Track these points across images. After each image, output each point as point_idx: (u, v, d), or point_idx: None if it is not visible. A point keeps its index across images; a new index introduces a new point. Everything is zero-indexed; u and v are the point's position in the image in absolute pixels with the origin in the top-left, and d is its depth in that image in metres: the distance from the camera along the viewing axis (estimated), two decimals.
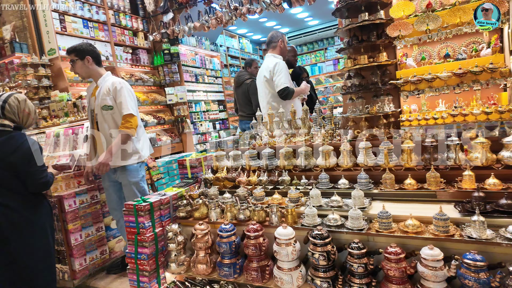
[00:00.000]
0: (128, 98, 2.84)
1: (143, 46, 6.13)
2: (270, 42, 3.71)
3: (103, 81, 2.91)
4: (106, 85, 2.86)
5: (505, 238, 1.45)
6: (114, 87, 2.82)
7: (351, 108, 2.56)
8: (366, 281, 1.63)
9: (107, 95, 2.83)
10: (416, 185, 1.96)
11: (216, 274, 2.07)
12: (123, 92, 2.82)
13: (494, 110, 1.99)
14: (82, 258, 3.07)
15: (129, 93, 2.88)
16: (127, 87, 2.89)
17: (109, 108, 2.84)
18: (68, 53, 2.87)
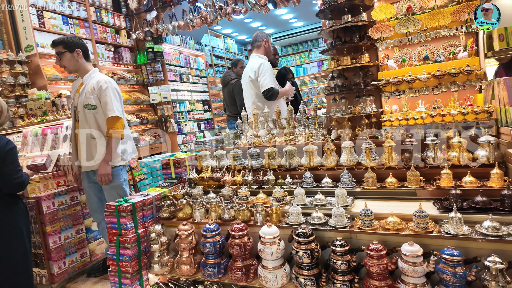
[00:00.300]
0: (113, 99, 2.72)
1: (125, 44, 6.01)
2: (254, 42, 3.72)
3: (89, 78, 2.80)
4: (91, 83, 2.75)
5: (480, 234, 1.51)
6: (99, 86, 2.71)
7: (334, 109, 2.60)
8: (349, 278, 1.66)
9: (91, 93, 2.72)
10: (397, 184, 2.01)
11: (200, 275, 2.05)
12: (108, 92, 2.71)
13: (470, 110, 2.06)
14: (61, 261, 2.97)
15: (115, 93, 2.77)
16: (112, 87, 2.77)
17: (92, 108, 2.73)
18: (55, 44, 2.73)
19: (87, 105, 2.73)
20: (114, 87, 2.78)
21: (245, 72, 3.70)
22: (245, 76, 3.68)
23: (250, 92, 3.66)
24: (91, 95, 2.72)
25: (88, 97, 2.72)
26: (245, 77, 3.70)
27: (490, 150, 1.86)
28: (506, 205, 1.62)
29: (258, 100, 3.62)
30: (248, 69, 3.63)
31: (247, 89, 3.70)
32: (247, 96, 3.74)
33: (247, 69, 3.65)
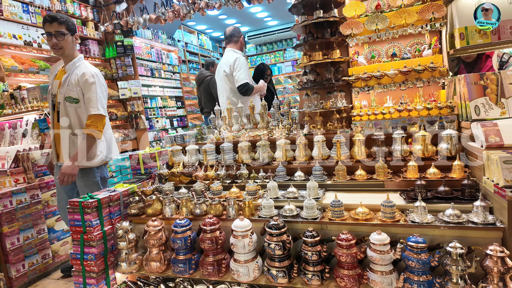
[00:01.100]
0: (100, 95, 2.52)
1: (93, 37, 5.75)
2: (231, 36, 3.66)
3: (73, 67, 2.57)
4: (75, 73, 2.53)
5: (443, 221, 1.58)
6: (84, 79, 2.49)
7: (307, 104, 2.63)
8: (319, 268, 1.67)
9: (75, 86, 2.51)
10: (366, 176, 2.06)
11: (171, 271, 1.99)
12: (94, 87, 2.49)
13: (434, 106, 2.16)
14: (20, 264, 2.78)
15: (102, 89, 2.56)
16: (100, 82, 2.56)
17: (74, 101, 2.52)
18: (58, 22, 2.45)
19: (69, 98, 2.52)
20: (101, 83, 2.57)
21: (220, 66, 3.65)
22: (220, 71, 3.63)
23: (224, 87, 3.62)
24: (75, 87, 2.51)
25: (71, 89, 2.51)
26: (219, 72, 3.65)
27: (452, 143, 1.96)
28: (466, 194, 1.71)
29: (232, 95, 3.59)
30: (223, 64, 3.58)
31: (221, 84, 3.65)
32: (221, 91, 3.70)
33: (222, 64, 3.60)
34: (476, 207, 1.54)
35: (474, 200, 1.61)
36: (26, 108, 3.44)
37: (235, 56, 3.49)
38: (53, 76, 2.67)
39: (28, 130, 3.37)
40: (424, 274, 1.49)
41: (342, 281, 1.60)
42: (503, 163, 1.47)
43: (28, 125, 3.38)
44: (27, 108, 3.43)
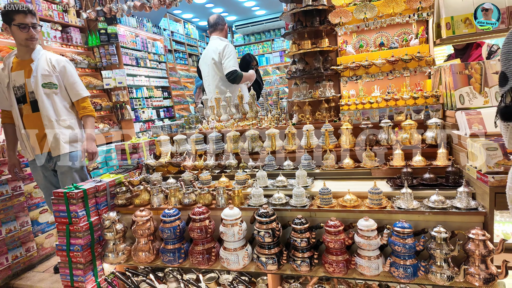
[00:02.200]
0: (78, 78, 2.66)
1: (75, 24, 5.54)
2: (216, 24, 3.59)
3: (39, 54, 2.54)
4: (45, 60, 2.53)
5: (427, 207, 1.62)
6: (61, 65, 2.58)
7: (295, 93, 2.62)
8: (308, 254, 1.70)
9: (51, 72, 2.53)
10: (354, 164, 2.08)
11: (160, 261, 1.98)
12: (72, 72, 2.63)
13: (421, 95, 2.19)
14: (3, 257, 2.71)
15: (75, 72, 2.69)
16: (72, 66, 2.68)
17: (54, 87, 2.54)
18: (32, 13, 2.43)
19: (49, 83, 2.51)
20: (73, 66, 2.69)
21: (207, 54, 3.57)
22: (207, 59, 3.56)
23: (213, 75, 3.56)
24: (52, 73, 2.53)
25: (49, 75, 2.52)
26: (206, 60, 3.57)
27: (437, 131, 2.00)
28: (450, 181, 1.76)
29: (222, 84, 3.54)
30: (210, 52, 3.51)
31: (209, 72, 3.58)
32: (209, 79, 3.63)
33: (209, 52, 3.52)
34: (459, 193, 1.59)
35: (457, 186, 1.66)
36: None
37: (224, 43, 3.43)
38: (8, 69, 2.53)
39: None
40: (409, 258, 1.53)
41: (331, 266, 1.63)
42: (486, 150, 1.51)
43: None
44: None
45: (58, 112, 2.55)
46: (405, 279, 1.52)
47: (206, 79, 3.65)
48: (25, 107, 2.52)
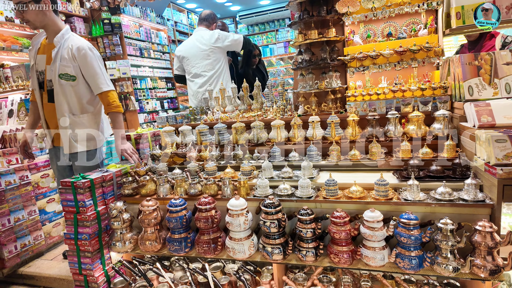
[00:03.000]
0: (103, 69, 2.38)
1: (78, 14, 5.51)
2: (207, 19, 3.74)
3: (62, 39, 2.30)
4: (67, 47, 2.28)
5: (434, 199, 1.61)
6: (82, 54, 2.27)
7: (301, 84, 2.60)
8: (314, 245, 1.71)
9: (70, 61, 2.28)
10: (360, 156, 2.08)
11: (166, 250, 2.01)
12: (95, 62, 2.32)
13: (428, 86, 2.16)
14: (12, 245, 2.76)
15: (102, 62, 2.41)
16: (97, 55, 2.37)
17: (71, 79, 2.30)
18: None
19: (65, 75, 2.28)
20: (98, 55, 2.39)
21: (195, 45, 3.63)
22: (196, 48, 3.61)
23: (208, 61, 3.61)
24: (71, 63, 2.28)
25: (67, 66, 2.27)
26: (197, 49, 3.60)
27: (444, 123, 1.98)
28: (457, 173, 1.75)
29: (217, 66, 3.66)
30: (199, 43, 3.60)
31: (202, 59, 3.62)
32: (204, 66, 3.64)
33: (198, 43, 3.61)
34: (467, 185, 1.58)
35: (464, 178, 1.65)
36: (11, 87, 3.32)
37: (214, 31, 3.62)
38: (35, 50, 2.38)
39: (14, 110, 3.27)
40: (415, 249, 1.53)
41: (336, 257, 1.64)
42: (495, 142, 1.50)
43: (14, 105, 3.27)
44: (12, 87, 3.31)
45: (73, 107, 2.35)
46: (411, 270, 1.53)
47: (200, 66, 3.65)
48: (44, 95, 2.39)
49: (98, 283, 2.06)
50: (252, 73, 4.43)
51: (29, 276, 2.79)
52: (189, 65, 3.71)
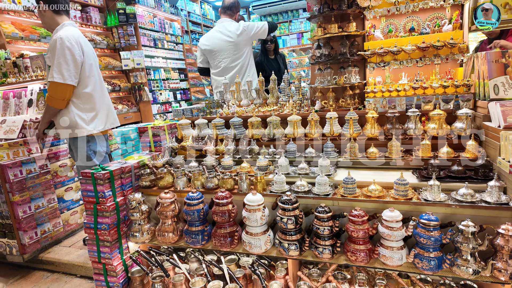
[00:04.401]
0: (60, 61, 2.36)
1: (94, 3, 5.53)
2: (231, 8, 3.63)
3: (54, 34, 2.49)
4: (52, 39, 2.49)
5: (455, 200, 1.59)
6: (52, 45, 2.41)
7: (319, 79, 2.57)
8: (331, 242, 1.71)
9: (49, 52, 2.47)
10: (378, 154, 2.05)
11: (183, 242, 2.04)
12: (55, 51, 2.36)
13: (451, 84, 2.11)
14: (33, 231, 2.85)
15: (64, 53, 2.37)
16: (63, 45, 2.37)
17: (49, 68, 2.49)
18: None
19: (48, 66, 2.49)
20: (65, 46, 2.37)
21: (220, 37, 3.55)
22: (223, 39, 3.52)
23: (234, 53, 3.56)
24: (49, 54, 2.46)
25: (48, 57, 2.48)
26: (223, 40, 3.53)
27: (467, 122, 1.93)
28: (480, 174, 1.71)
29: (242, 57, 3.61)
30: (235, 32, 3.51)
31: (229, 50, 3.56)
32: (230, 57, 3.59)
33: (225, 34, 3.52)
34: (490, 187, 1.55)
35: (487, 180, 1.62)
36: (30, 77, 3.37)
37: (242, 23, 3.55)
38: None
39: (33, 99, 3.33)
40: (434, 250, 1.52)
41: (353, 255, 1.64)
42: None
43: (33, 95, 3.33)
44: (31, 77, 3.36)
45: None
46: (429, 270, 1.52)
47: (227, 59, 3.60)
48: None
49: (116, 271, 2.11)
50: (267, 60, 4.38)
51: (49, 262, 2.88)
52: (214, 58, 3.64)
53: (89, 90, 2.55)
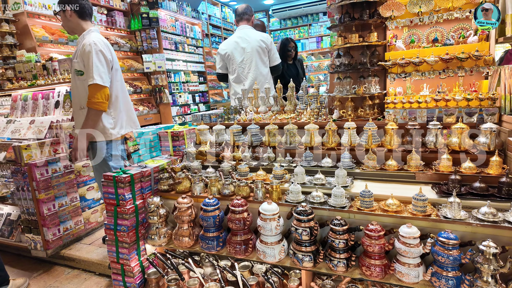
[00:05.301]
0: (97, 64, 2.41)
1: (119, 8, 5.72)
2: (244, 13, 3.67)
3: (81, 40, 2.56)
4: (80, 46, 2.52)
5: (476, 219, 1.55)
6: (83, 49, 2.45)
7: (338, 88, 2.56)
8: (345, 255, 1.70)
9: (79, 57, 2.49)
10: (397, 166, 2.02)
11: (199, 247, 2.08)
12: (90, 56, 2.40)
13: (475, 97, 2.05)
14: (56, 228, 2.97)
15: (99, 57, 2.43)
16: (97, 49, 2.43)
17: (80, 74, 2.51)
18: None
19: (76, 71, 2.53)
20: (98, 49, 2.44)
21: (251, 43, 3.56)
22: (250, 46, 3.55)
23: (256, 62, 3.59)
24: (80, 59, 2.49)
25: (76, 62, 2.51)
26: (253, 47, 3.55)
27: (491, 137, 1.88)
28: (503, 192, 1.66)
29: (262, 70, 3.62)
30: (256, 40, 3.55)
31: (251, 59, 3.58)
32: (250, 66, 3.62)
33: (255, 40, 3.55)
34: None
35: (511, 199, 1.56)
36: (58, 80, 3.53)
37: (267, 35, 3.63)
38: None
39: (60, 101, 3.47)
40: (453, 270, 1.49)
41: (368, 270, 1.63)
42: None
43: (60, 97, 3.48)
44: (59, 80, 3.52)
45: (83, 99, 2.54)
46: None
47: (245, 66, 3.63)
48: None
49: (133, 272, 2.17)
50: (286, 66, 4.40)
51: (70, 258, 3.00)
52: (232, 64, 3.67)
53: (114, 94, 2.62)
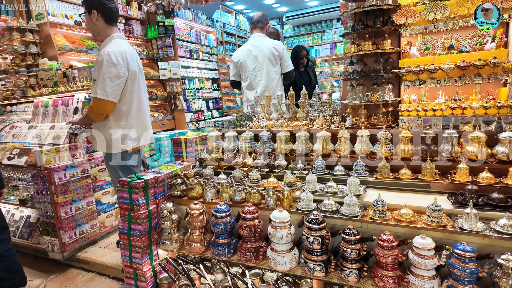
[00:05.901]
0: (104, 77, 2.35)
1: (136, 17, 5.88)
2: (259, 22, 3.72)
3: (102, 46, 2.52)
4: (99, 53, 2.48)
5: (494, 231, 1.50)
6: (98, 58, 2.43)
7: (351, 95, 2.54)
8: (357, 266, 1.67)
9: (95, 65, 2.49)
10: (411, 175, 1.98)
11: (210, 253, 2.09)
12: (102, 67, 2.36)
13: (493, 105, 2.00)
14: (72, 231, 3.05)
15: (109, 70, 2.36)
16: (110, 61, 2.36)
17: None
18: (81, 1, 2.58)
19: (93, 79, 2.52)
20: (111, 62, 2.37)
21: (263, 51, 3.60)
22: (263, 53, 3.59)
23: (267, 70, 3.63)
24: (96, 67, 2.47)
25: (94, 70, 2.51)
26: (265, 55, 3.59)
27: (510, 146, 1.82)
28: None
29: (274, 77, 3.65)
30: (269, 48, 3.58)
31: (263, 67, 3.62)
32: (261, 74, 3.65)
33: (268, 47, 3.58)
34: None
35: None
36: (77, 87, 3.65)
37: (281, 43, 3.67)
38: None
39: (78, 108, 3.59)
40: (470, 283, 1.44)
41: (381, 281, 1.60)
42: None
43: (79, 103, 3.59)
44: (78, 87, 3.64)
45: None
46: None
47: (257, 74, 3.67)
48: None
49: (146, 277, 2.20)
50: (298, 74, 4.41)
51: (85, 261, 3.06)
52: (244, 72, 3.72)
53: (126, 107, 2.54)
